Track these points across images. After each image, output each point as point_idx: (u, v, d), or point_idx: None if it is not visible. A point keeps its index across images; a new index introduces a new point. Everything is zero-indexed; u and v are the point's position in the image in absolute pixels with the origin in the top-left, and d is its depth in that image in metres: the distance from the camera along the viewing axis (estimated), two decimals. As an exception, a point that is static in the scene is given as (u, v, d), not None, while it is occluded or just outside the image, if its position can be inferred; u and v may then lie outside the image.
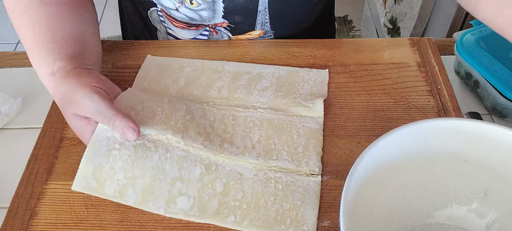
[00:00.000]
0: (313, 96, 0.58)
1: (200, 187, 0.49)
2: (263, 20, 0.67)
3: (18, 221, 0.48)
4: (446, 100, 0.58)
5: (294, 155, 0.52)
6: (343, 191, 0.37)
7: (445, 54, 0.68)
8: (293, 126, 0.55)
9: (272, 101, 0.58)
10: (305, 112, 0.57)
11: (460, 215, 0.46)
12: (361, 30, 2.15)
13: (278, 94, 0.59)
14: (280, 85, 0.60)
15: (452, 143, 0.44)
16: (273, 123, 0.55)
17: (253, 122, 0.56)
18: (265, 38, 0.71)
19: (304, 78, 0.61)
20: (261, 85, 0.60)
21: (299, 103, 0.57)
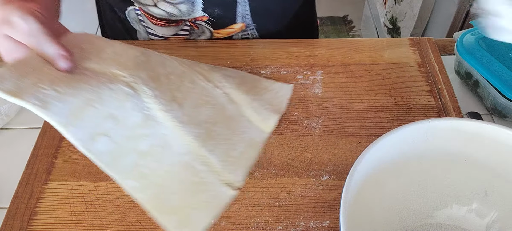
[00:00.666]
0: (271, 108, 0.56)
1: (127, 136, 0.43)
2: (244, 12, 0.67)
3: (18, 221, 0.48)
4: (446, 100, 0.58)
5: (226, 157, 0.48)
6: (343, 191, 0.37)
7: (445, 54, 0.68)
8: (240, 126, 0.52)
9: (234, 90, 0.54)
10: (256, 121, 0.53)
11: (460, 215, 0.46)
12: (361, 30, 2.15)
13: (241, 87, 0.55)
14: (245, 82, 0.57)
15: (452, 143, 0.44)
16: (226, 112, 0.51)
17: (209, 97, 0.51)
18: (247, 32, 0.71)
19: (267, 88, 0.59)
20: (227, 72, 0.57)
21: (254, 108, 0.54)
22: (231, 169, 0.48)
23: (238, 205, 0.49)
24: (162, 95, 0.46)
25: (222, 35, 0.70)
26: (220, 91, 0.53)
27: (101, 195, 0.50)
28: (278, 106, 0.57)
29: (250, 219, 0.47)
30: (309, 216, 0.47)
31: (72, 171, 0.52)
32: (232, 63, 0.65)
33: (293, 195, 0.49)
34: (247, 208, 0.48)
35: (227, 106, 0.52)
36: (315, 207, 0.48)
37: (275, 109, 0.56)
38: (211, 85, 0.53)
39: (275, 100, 0.57)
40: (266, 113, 0.54)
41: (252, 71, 0.63)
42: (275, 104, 0.57)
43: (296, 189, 0.50)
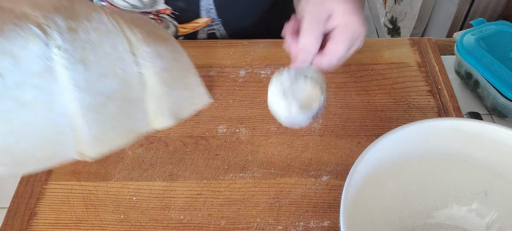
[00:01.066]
0: (175, 109, 0.53)
1: (18, 82, 0.40)
2: (207, 6, 0.66)
3: (18, 221, 0.48)
4: (446, 100, 0.58)
5: (99, 134, 0.47)
6: (343, 191, 0.37)
7: (445, 54, 0.68)
8: (133, 111, 0.49)
9: (153, 73, 0.49)
10: (152, 114, 0.51)
11: (460, 215, 0.46)
12: (361, 30, 2.14)
13: (164, 73, 0.50)
14: (173, 68, 0.52)
15: (452, 143, 0.44)
16: (129, 93, 0.48)
17: (122, 71, 0.47)
18: (213, 27, 0.70)
19: (189, 87, 0.55)
20: (162, 51, 0.50)
21: (160, 101, 0.51)
22: (95, 146, 0.46)
23: (238, 205, 0.49)
24: (71, 51, 0.42)
25: (187, 30, 0.70)
26: (137, 69, 0.48)
27: (101, 195, 0.50)
28: (183, 112, 0.54)
29: (250, 219, 0.47)
30: (309, 216, 0.47)
31: (72, 171, 0.52)
32: (232, 63, 0.65)
33: (293, 195, 0.49)
34: (247, 208, 0.48)
35: (134, 87, 0.48)
36: (315, 207, 0.48)
37: (177, 113, 0.53)
38: (131, 60, 0.48)
39: (185, 104, 0.54)
40: (167, 112, 0.52)
41: (252, 71, 0.63)
42: (182, 108, 0.54)
43: (296, 189, 0.50)
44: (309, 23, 0.43)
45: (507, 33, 0.62)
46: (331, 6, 0.43)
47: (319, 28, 0.43)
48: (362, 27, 0.44)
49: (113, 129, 0.48)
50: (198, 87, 0.56)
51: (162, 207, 0.49)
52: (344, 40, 0.43)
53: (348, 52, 0.45)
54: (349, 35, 0.43)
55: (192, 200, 0.49)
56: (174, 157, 0.53)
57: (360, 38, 0.45)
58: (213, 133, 0.56)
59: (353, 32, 0.43)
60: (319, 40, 0.43)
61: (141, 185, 0.51)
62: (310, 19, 0.43)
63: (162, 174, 0.52)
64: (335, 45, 0.43)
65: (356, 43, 0.45)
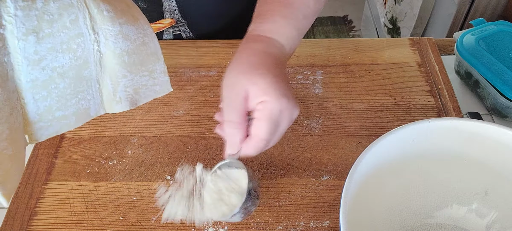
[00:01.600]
0: (131, 94, 0.50)
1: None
2: (171, 7, 0.65)
3: (18, 221, 0.48)
4: (446, 100, 0.58)
5: (46, 113, 0.44)
6: (343, 191, 0.37)
7: (445, 54, 0.68)
8: (86, 91, 0.46)
9: (113, 55, 0.46)
10: (107, 96, 0.48)
11: (460, 215, 0.46)
12: (361, 30, 2.14)
13: (125, 56, 0.47)
14: (136, 52, 0.48)
15: (452, 143, 0.44)
16: (84, 71, 0.45)
17: (79, 47, 0.44)
18: (179, 28, 0.69)
19: (151, 73, 0.51)
20: (128, 32, 0.47)
21: (116, 84, 0.48)
22: (41, 127, 0.44)
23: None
24: (24, 20, 0.40)
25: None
26: (96, 47, 0.45)
27: (101, 195, 0.50)
28: (141, 98, 0.50)
29: (250, 219, 0.47)
30: (309, 216, 0.47)
31: (72, 171, 0.52)
32: (232, 63, 0.65)
33: (293, 195, 0.49)
34: (247, 208, 0.48)
35: (90, 66, 0.45)
36: (315, 207, 0.48)
37: (135, 99, 0.50)
38: (92, 37, 0.44)
39: (145, 91, 0.50)
40: (123, 96, 0.48)
41: (252, 71, 0.63)
42: (140, 94, 0.50)
43: (296, 189, 0.50)
44: (227, 111, 0.40)
45: (507, 33, 0.62)
46: (244, 87, 0.40)
47: (237, 114, 0.40)
48: (283, 102, 0.39)
49: (62, 108, 0.45)
50: (162, 75, 0.52)
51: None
52: (264, 122, 0.39)
53: (276, 132, 0.41)
54: (267, 115, 0.39)
55: (192, 200, 0.49)
56: (174, 157, 0.53)
57: (285, 113, 0.40)
58: (213, 133, 0.56)
59: (271, 111, 0.39)
60: (241, 126, 0.40)
61: (141, 185, 0.51)
62: (226, 106, 0.41)
63: (162, 174, 0.52)
64: (256, 129, 0.40)
65: (282, 120, 0.40)
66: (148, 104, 0.59)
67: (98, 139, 0.55)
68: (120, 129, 0.56)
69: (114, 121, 0.57)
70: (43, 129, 0.45)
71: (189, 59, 0.65)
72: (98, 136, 0.56)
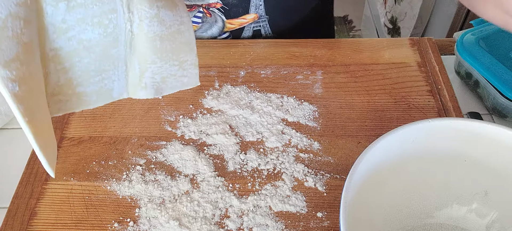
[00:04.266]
0: (159, 82, 0.48)
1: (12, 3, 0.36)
2: (257, 2, 0.67)
3: (18, 221, 0.48)
4: (446, 100, 0.58)
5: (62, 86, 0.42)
6: (343, 191, 0.37)
7: (445, 54, 0.68)
8: (111, 70, 0.44)
9: (146, 37, 0.44)
10: (132, 79, 0.46)
11: (460, 215, 0.46)
12: (361, 30, 2.15)
13: (158, 41, 0.45)
14: (170, 39, 0.46)
15: (452, 143, 0.44)
16: (111, 49, 0.43)
17: (110, 23, 0.42)
18: (260, 24, 0.71)
19: (181, 63, 0.49)
20: (165, 16, 0.45)
21: (144, 68, 0.46)
22: (59, 101, 0.42)
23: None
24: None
25: (234, 26, 0.70)
26: (128, 26, 0.43)
27: (101, 195, 0.50)
28: (165, 86, 0.49)
29: (249, 219, 0.47)
30: (309, 216, 0.47)
31: (72, 171, 0.52)
32: (232, 63, 0.65)
33: (293, 195, 0.49)
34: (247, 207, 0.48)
35: (120, 45, 0.43)
36: (315, 207, 0.48)
37: (159, 87, 0.48)
38: (126, 15, 0.43)
39: (173, 81, 0.49)
40: (149, 82, 0.47)
41: (252, 71, 0.63)
42: (167, 84, 0.48)
43: (296, 189, 0.50)
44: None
45: (507, 33, 0.62)
46: None
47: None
48: None
49: (84, 84, 0.43)
50: (192, 68, 0.50)
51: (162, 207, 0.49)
52: None
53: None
54: None
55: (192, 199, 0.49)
56: (174, 156, 0.53)
57: None
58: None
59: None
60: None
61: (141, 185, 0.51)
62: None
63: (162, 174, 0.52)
64: None
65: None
66: (148, 104, 0.59)
67: (98, 139, 0.55)
68: (120, 129, 0.56)
69: (114, 120, 0.57)
70: (61, 103, 0.43)
71: (189, 59, 0.65)
72: (98, 136, 0.56)
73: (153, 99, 0.59)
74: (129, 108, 0.59)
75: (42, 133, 0.39)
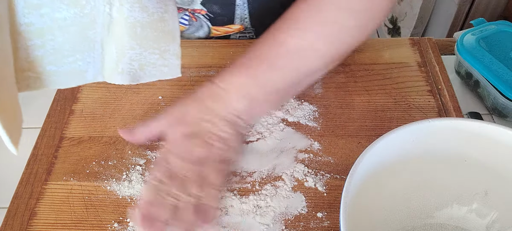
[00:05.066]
0: (136, 69, 0.47)
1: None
2: (242, 14, 0.66)
3: (18, 221, 0.48)
4: (447, 100, 0.58)
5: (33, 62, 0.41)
6: (343, 191, 0.37)
7: (446, 54, 0.68)
8: (86, 51, 0.43)
9: (126, 22, 0.43)
10: (108, 64, 0.45)
11: (460, 215, 0.46)
12: (361, 30, 2.14)
13: (138, 28, 0.44)
14: (153, 27, 0.45)
15: (452, 143, 0.44)
16: (88, 31, 0.42)
17: (87, 4, 0.41)
18: (245, 35, 0.70)
19: (163, 53, 0.48)
20: (148, 3, 0.44)
21: (121, 54, 0.45)
22: (32, 79, 0.40)
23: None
24: None
25: (219, 33, 0.70)
26: (107, 9, 0.41)
27: (101, 195, 0.50)
28: (143, 74, 0.47)
29: (248, 220, 0.47)
30: (309, 216, 0.47)
31: (72, 171, 0.52)
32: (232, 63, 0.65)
33: (293, 195, 0.49)
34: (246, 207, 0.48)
35: (97, 27, 0.42)
36: (315, 207, 0.48)
37: (136, 74, 0.47)
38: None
39: (152, 69, 0.47)
40: (126, 68, 0.45)
41: (252, 71, 0.63)
42: (146, 72, 0.47)
43: (296, 189, 0.50)
44: None
45: (507, 33, 0.62)
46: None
47: None
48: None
49: (56, 63, 0.41)
50: (174, 58, 0.49)
51: (162, 207, 0.49)
52: None
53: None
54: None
55: (192, 200, 0.49)
56: (174, 157, 0.53)
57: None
58: (213, 133, 0.56)
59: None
60: None
61: (141, 185, 0.51)
62: None
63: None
64: None
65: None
66: (148, 104, 0.59)
67: (98, 139, 0.55)
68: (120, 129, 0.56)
69: (114, 120, 0.57)
70: (30, 80, 0.41)
71: (189, 59, 0.65)
72: (98, 136, 0.56)
73: (153, 99, 0.59)
74: (129, 108, 0.59)
75: (5, 108, 0.38)
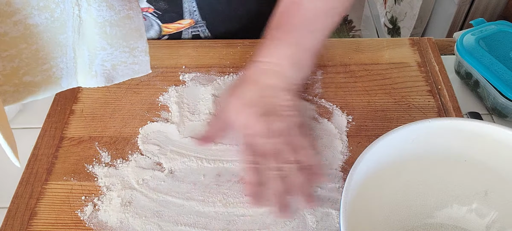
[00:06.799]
0: (109, 69, 0.47)
1: None
2: (191, 8, 0.65)
3: (18, 221, 0.48)
4: (446, 100, 0.58)
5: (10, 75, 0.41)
6: (343, 191, 0.37)
7: (445, 54, 0.68)
8: (58, 56, 0.43)
9: (95, 23, 0.43)
10: (81, 66, 0.45)
11: (460, 215, 0.46)
12: (361, 30, 2.14)
13: (108, 27, 0.44)
14: (121, 25, 0.45)
15: (452, 143, 0.44)
16: (58, 35, 0.42)
17: (57, 7, 0.40)
18: (197, 29, 0.70)
19: (132, 51, 0.48)
20: (118, 3, 0.44)
21: (93, 55, 0.45)
22: (4, 92, 0.39)
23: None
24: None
25: (171, 31, 0.69)
26: (76, 11, 0.41)
27: (101, 195, 0.50)
28: (116, 74, 0.47)
29: (248, 219, 0.47)
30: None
31: (72, 171, 0.52)
32: (232, 63, 0.65)
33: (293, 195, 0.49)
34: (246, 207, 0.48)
35: (68, 31, 0.41)
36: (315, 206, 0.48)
37: (110, 75, 0.47)
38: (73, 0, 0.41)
39: (124, 68, 0.47)
40: (100, 70, 0.45)
41: (252, 71, 0.63)
42: (116, 70, 0.47)
43: (296, 189, 0.50)
44: None
45: (507, 33, 0.62)
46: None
47: None
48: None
49: (31, 73, 0.41)
50: (142, 55, 0.49)
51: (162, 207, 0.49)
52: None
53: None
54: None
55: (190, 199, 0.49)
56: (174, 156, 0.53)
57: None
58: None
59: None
60: None
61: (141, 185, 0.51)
62: None
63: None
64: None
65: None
66: (148, 104, 0.59)
67: (98, 139, 0.55)
68: (120, 129, 0.56)
69: (114, 120, 0.57)
70: (7, 94, 0.41)
71: (189, 59, 0.65)
72: (98, 136, 0.56)
73: (153, 99, 0.59)
74: (129, 108, 0.59)
75: (2, 122, 0.38)
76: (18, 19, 0.39)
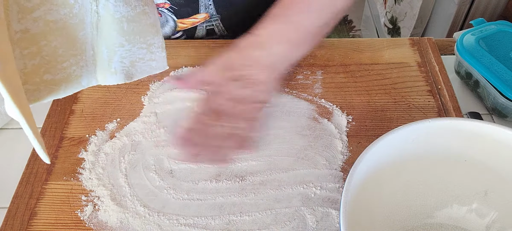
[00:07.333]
0: (128, 67, 0.47)
1: None
2: (206, 2, 0.66)
3: (18, 221, 0.48)
4: (446, 100, 0.58)
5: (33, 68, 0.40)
6: (343, 191, 0.37)
7: (445, 54, 0.68)
8: (79, 54, 0.43)
9: (113, 19, 0.43)
10: (101, 64, 0.45)
11: (460, 215, 0.46)
12: (361, 30, 2.14)
13: (124, 22, 0.44)
14: (136, 20, 0.45)
15: (452, 143, 0.44)
16: (78, 32, 0.42)
17: (75, 4, 0.40)
18: (212, 23, 0.70)
19: (149, 47, 0.48)
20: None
21: (112, 52, 0.45)
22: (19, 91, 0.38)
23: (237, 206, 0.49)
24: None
25: (186, 26, 0.70)
26: (94, 7, 0.41)
27: (101, 195, 0.50)
28: (135, 71, 0.48)
29: (247, 219, 0.47)
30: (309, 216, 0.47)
31: (72, 171, 0.52)
32: (232, 63, 0.65)
33: (293, 195, 0.49)
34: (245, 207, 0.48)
35: (86, 27, 0.41)
36: (315, 207, 0.48)
37: (129, 72, 0.47)
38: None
39: (142, 64, 0.47)
40: (119, 67, 0.45)
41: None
42: (137, 68, 0.47)
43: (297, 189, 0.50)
44: None
45: (507, 33, 0.62)
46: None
47: None
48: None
49: (52, 71, 0.40)
50: (159, 50, 0.49)
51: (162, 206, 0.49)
52: None
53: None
54: None
55: (190, 199, 0.49)
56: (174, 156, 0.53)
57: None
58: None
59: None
60: None
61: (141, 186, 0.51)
62: None
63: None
64: None
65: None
66: (148, 104, 0.59)
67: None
68: (120, 128, 0.56)
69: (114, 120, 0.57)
70: (29, 93, 0.40)
71: (189, 59, 0.65)
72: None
73: (153, 99, 0.59)
74: (129, 108, 0.59)
75: (31, 120, 0.37)
76: (38, 15, 0.38)
